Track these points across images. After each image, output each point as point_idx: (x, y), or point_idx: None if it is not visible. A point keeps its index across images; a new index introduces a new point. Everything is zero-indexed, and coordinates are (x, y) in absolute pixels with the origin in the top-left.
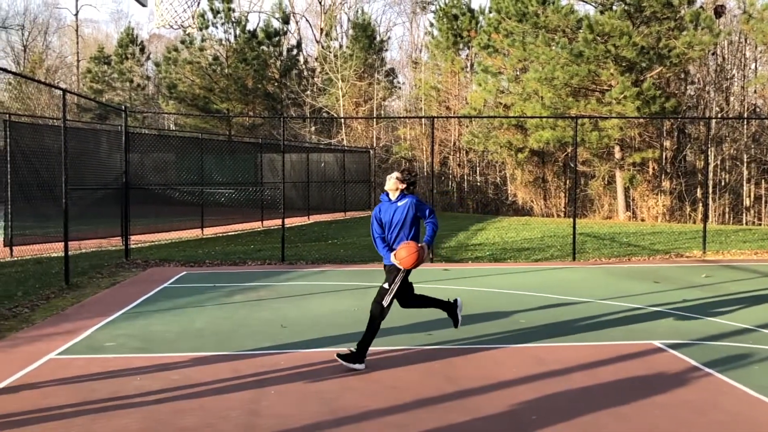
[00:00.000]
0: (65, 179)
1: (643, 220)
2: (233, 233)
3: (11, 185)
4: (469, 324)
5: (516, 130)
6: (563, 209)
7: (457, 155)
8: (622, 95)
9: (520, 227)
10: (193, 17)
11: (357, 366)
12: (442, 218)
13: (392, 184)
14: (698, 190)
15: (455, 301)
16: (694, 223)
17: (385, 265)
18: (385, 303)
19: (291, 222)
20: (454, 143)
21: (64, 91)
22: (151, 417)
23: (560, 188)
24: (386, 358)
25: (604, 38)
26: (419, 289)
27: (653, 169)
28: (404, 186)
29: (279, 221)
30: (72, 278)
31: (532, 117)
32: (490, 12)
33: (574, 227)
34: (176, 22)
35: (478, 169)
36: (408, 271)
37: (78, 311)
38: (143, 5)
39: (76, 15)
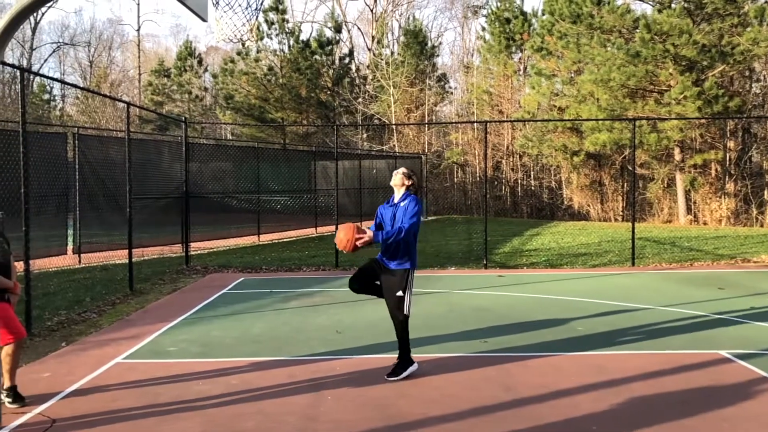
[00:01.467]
0: (129, 189)
1: (705, 223)
2: (288, 239)
3: (79, 195)
4: (526, 331)
5: (571, 133)
6: (621, 213)
7: (511, 159)
8: (682, 95)
9: (577, 232)
10: (251, 30)
11: (410, 369)
12: (495, 223)
13: (398, 179)
14: (766, 192)
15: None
16: (761, 226)
17: (384, 267)
18: (406, 311)
19: None
20: (508, 147)
21: (128, 104)
22: (213, 421)
23: (617, 192)
24: (441, 365)
25: (663, 37)
26: (476, 296)
27: (716, 170)
28: (410, 183)
29: (332, 227)
30: (136, 284)
31: (587, 120)
32: (543, 14)
33: (633, 231)
34: (236, 35)
35: (532, 173)
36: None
37: (142, 316)
38: (203, 20)
39: (138, 30)
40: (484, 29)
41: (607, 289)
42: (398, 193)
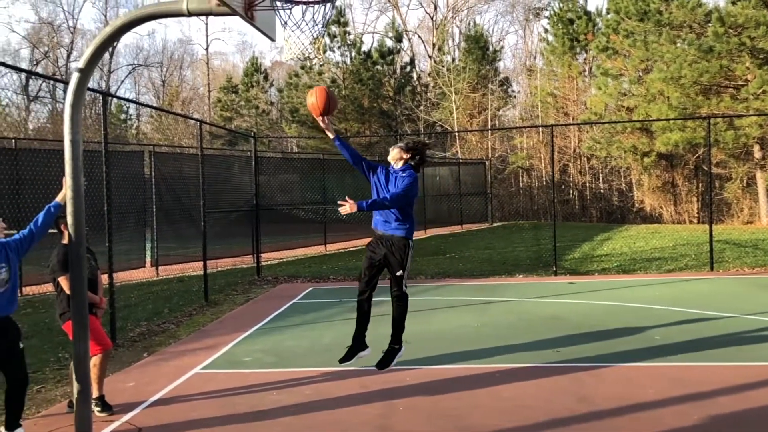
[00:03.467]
0: (203, 203)
1: None
2: (354, 248)
3: (156, 210)
4: (599, 340)
5: (641, 134)
6: (696, 215)
7: (578, 162)
8: (761, 90)
9: (650, 236)
10: (318, 49)
11: (400, 354)
12: (564, 228)
13: (395, 153)
14: None
15: (363, 348)
16: None
17: (382, 237)
18: (406, 290)
19: None
20: (574, 150)
21: (200, 121)
22: (289, 431)
23: (692, 193)
24: (513, 376)
25: (738, 30)
26: (546, 304)
27: None
28: (409, 156)
29: None
30: (210, 295)
31: (658, 120)
32: (608, 13)
33: (710, 234)
34: (303, 54)
35: (600, 175)
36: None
37: (217, 327)
38: (272, 39)
39: (207, 49)
40: (546, 31)
41: (685, 296)
42: (397, 165)
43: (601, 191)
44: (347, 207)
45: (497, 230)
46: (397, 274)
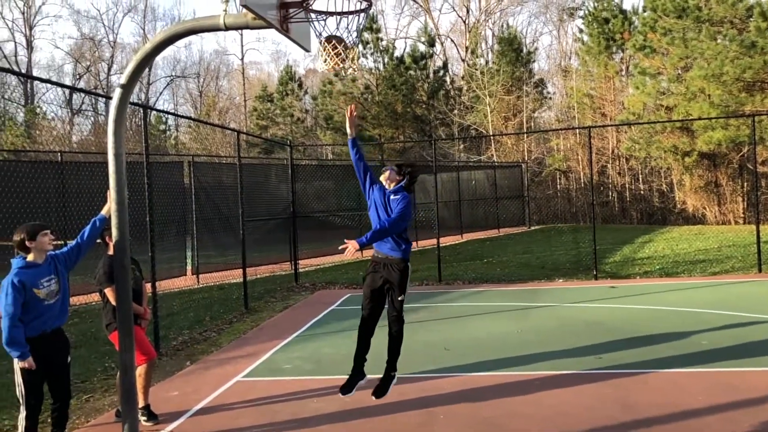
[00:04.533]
0: (242, 212)
1: None
2: None
3: (196, 219)
4: (643, 346)
5: (681, 133)
6: (742, 215)
7: (617, 163)
8: None
9: (693, 237)
10: (353, 59)
11: (394, 381)
12: (604, 230)
13: (388, 175)
14: None
15: (362, 376)
16: None
17: (380, 259)
18: (404, 316)
19: (445, 241)
20: (613, 151)
21: (238, 131)
22: None
23: (737, 192)
24: (554, 383)
25: None
26: (587, 309)
27: None
28: (401, 178)
29: (433, 241)
30: (250, 303)
31: (700, 119)
32: (645, 11)
33: (757, 234)
34: (339, 65)
35: (640, 176)
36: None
37: (257, 334)
38: (306, 50)
39: (242, 59)
40: (581, 31)
41: (732, 299)
42: (389, 186)
43: (641, 192)
44: (350, 247)
45: (535, 234)
46: (399, 298)
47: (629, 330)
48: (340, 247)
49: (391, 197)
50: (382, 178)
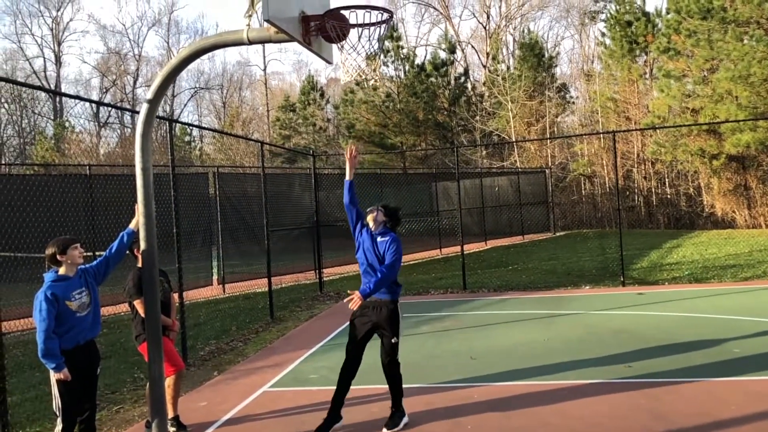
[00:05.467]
0: (266, 222)
1: None
2: (413, 262)
3: (221, 229)
4: (673, 354)
5: (708, 136)
6: None
7: (642, 167)
8: None
9: (722, 242)
10: (375, 70)
11: (405, 420)
12: (630, 235)
13: (374, 216)
14: None
15: (339, 419)
16: None
17: (369, 302)
18: (399, 358)
19: (469, 248)
20: (638, 154)
21: (262, 142)
22: None
23: (767, 195)
24: (583, 392)
25: None
26: (615, 316)
27: None
28: (386, 219)
29: (457, 248)
30: (275, 312)
31: (727, 121)
32: (668, 13)
33: None
34: (360, 76)
35: (667, 180)
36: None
37: (283, 344)
38: (329, 62)
39: (264, 70)
40: (603, 35)
41: (765, 305)
42: (375, 228)
43: (668, 196)
44: (355, 299)
45: (560, 240)
46: (393, 341)
47: (659, 338)
48: (345, 300)
49: (379, 239)
50: (368, 219)
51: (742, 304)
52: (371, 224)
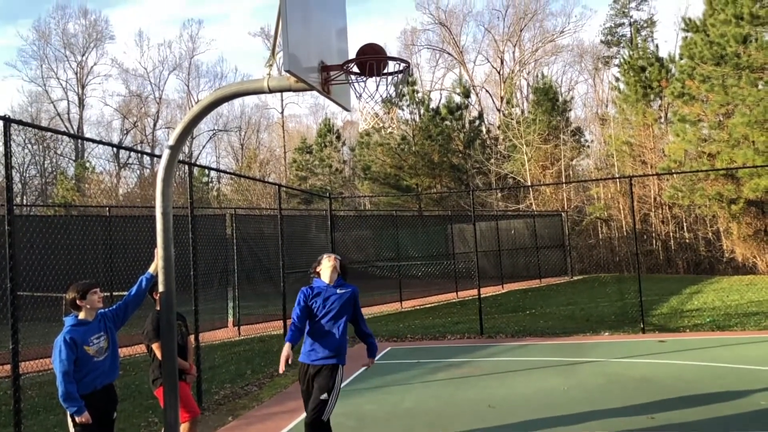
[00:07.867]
0: (282, 264)
1: None
2: (430, 305)
3: (237, 271)
4: (698, 405)
5: (726, 180)
6: None
7: (660, 211)
8: None
9: (744, 288)
10: (392, 118)
11: None
12: (649, 280)
13: (331, 262)
14: None
15: None
16: None
17: (309, 370)
18: (326, 418)
19: (485, 292)
20: (655, 199)
21: (279, 185)
22: None
23: None
24: None
25: None
26: (636, 364)
27: None
28: (340, 270)
29: (473, 291)
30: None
31: (744, 167)
32: (681, 59)
33: None
34: (378, 124)
35: (685, 224)
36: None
37: (298, 389)
38: (347, 110)
39: (282, 113)
40: (617, 79)
41: None
42: (332, 279)
43: (687, 241)
44: (369, 364)
45: (578, 284)
46: (321, 397)
47: (682, 388)
48: (360, 372)
49: (337, 290)
50: (328, 266)
51: (767, 354)
52: (329, 272)
